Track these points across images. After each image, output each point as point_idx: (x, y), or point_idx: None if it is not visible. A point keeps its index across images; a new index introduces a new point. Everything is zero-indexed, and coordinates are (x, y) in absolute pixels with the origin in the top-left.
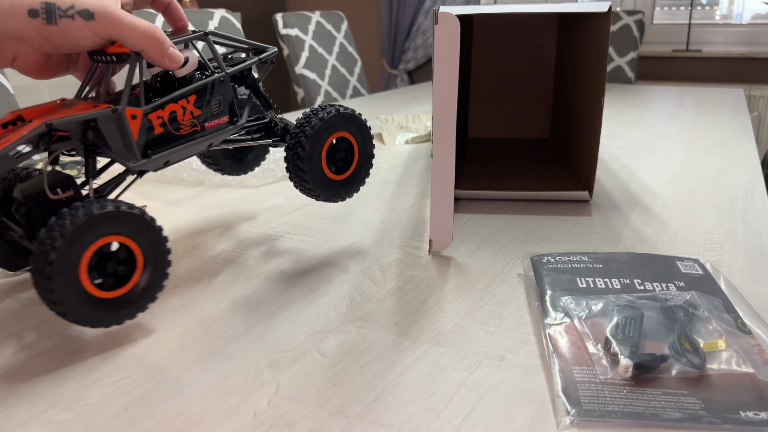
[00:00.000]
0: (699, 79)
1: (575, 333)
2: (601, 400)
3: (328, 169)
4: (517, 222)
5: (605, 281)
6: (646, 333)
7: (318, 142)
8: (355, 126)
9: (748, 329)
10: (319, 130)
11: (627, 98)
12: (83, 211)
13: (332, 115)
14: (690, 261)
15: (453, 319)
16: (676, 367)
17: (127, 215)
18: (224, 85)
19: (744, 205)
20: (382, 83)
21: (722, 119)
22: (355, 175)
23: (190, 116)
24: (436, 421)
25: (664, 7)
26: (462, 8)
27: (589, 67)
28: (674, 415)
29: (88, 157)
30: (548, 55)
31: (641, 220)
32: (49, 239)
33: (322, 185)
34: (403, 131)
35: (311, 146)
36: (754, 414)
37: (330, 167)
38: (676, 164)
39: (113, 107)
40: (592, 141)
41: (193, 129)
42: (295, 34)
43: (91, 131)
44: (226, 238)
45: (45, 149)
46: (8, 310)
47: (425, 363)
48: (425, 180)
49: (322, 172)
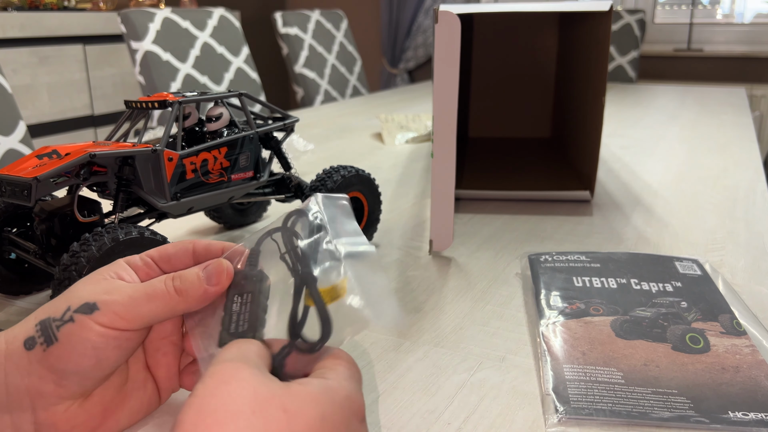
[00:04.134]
0: (700, 79)
1: (567, 332)
2: (590, 398)
3: None
4: (517, 222)
5: (602, 280)
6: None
7: None
8: (368, 188)
9: (743, 329)
10: (339, 187)
11: (628, 98)
12: (109, 237)
13: (352, 174)
14: (689, 261)
15: (453, 319)
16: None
17: (150, 242)
18: (253, 142)
19: (746, 205)
20: (382, 82)
21: (724, 119)
22: None
23: (220, 166)
24: (437, 423)
25: (666, 6)
26: (462, 7)
27: (590, 67)
28: (663, 414)
29: (118, 192)
30: (549, 54)
31: (642, 220)
32: (74, 264)
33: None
34: (403, 131)
35: None
36: (743, 414)
37: None
38: (677, 164)
39: (153, 147)
40: (593, 140)
41: (220, 179)
42: (295, 33)
43: (127, 168)
44: (227, 239)
45: (84, 179)
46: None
47: (426, 364)
48: (425, 180)
49: None
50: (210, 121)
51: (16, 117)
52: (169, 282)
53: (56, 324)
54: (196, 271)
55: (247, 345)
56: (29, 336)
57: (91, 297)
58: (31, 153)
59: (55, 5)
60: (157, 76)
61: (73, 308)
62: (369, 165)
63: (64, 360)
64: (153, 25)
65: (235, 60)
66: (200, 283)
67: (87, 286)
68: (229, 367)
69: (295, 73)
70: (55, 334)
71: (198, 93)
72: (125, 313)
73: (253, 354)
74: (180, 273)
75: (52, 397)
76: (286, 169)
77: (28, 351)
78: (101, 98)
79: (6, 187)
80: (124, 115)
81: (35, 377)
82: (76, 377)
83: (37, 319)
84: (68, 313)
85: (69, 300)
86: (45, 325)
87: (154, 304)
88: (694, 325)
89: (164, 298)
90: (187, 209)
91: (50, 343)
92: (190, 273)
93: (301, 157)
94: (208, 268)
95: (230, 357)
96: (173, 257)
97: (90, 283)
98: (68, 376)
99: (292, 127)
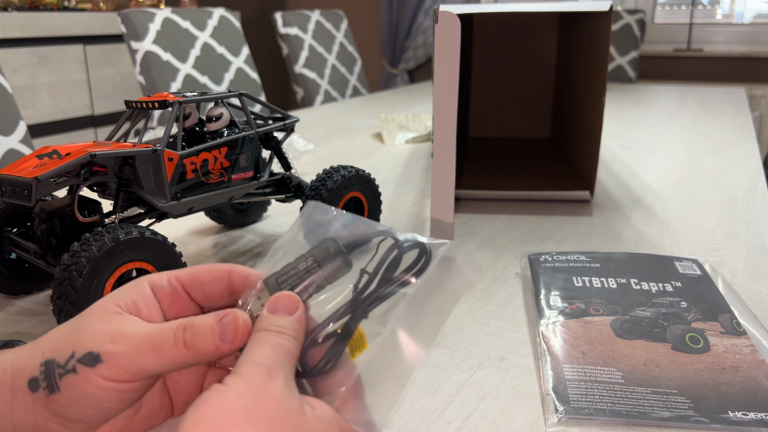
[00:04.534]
0: (700, 79)
1: (567, 332)
2: (590, 398)
3: None
4: (517, 222)
5: (601, 280)
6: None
7: (336, 197)
8: (368, 188)
9: (743, 329)
10: (340, 186)
11: (628, 98)
12: (109, 237)
13: (352, 174)
14: (688, 261)
15: (453, 319)
16: None
17: (151, 241)
18: (253, 142)
19: (745, 205)
20: (382, 82)
21: (724, 119)
22: None
23: (220, 166)
24: (437, 423)
25: (666, 6)
26: (462, 7)
27: (590, 67)
28: (662, 414)
29: (119, 192)
30: (549, 55)
31: (642, 220)
32: (74, 264)
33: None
34: (403, 131)
35: (330, 200)
36: (743, 414)
37: None
38: (677, 164)
39: (153, 147)
40: (593, 141)
41: (221, 179)
42: (295, 33)
43: (128, 168)
44: (228, 239)
45: (84, 179)
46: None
47: (426, 364)
48: (425, 180)
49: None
50: (210, 121)
51: (17, 117)
52: (180, 333)
53: (59, 372)
54: (210, 322)
55: (278, 341)
56: (33, 377)
57: (96, 345)
58: (32, 153)
59: (55, 5)
60: (157, 76)
61: (77, 356)
62: (369, 165)
63: (66, 409)
64: (153, 26)
65: (235, 60)
66: (213, 338)
67: (96, 323)
68: (259, 375)
69: (295, 73)
70: (58, 384)
71: (198, 93)
72: (130, 367)
73: (284, 356)
74: (192, 323)
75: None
76: (286, 169)
77: (32, 393)
78: (101, 98)
79: (6, 187)
80: (125, 115)
81: (40, 417)
82: (80, 423)
83: (44, 356)
84: (71, 362)
85: (75, 342)
86: (49, 370)
87: (160, 359)
88: (693, 325)
89: (172, 352)
90: (188, 209)
91: (52, 390)
92: (202, 325)
93: (301, 157)
94: (223, 321)
95: (262, 360)
96: (206, 285)
97: (100, 317)
98: (72, 421)
99: (292, 127)
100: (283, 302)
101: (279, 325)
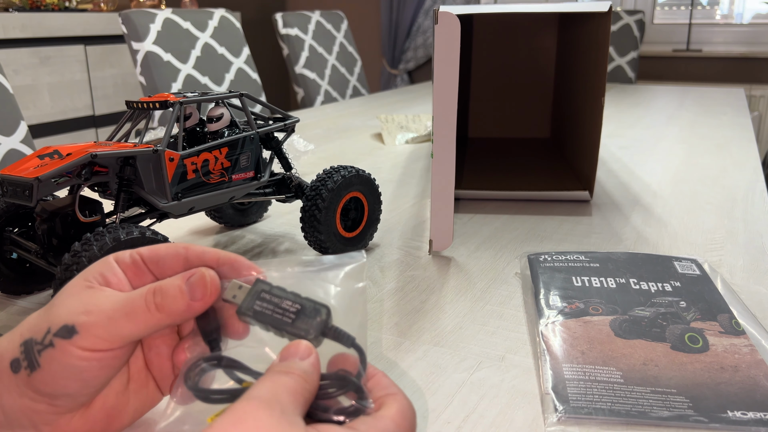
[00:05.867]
0: (699, 79)
1: (566, 331)
2: (589, 397)
3: (340, 224)
4: (517, 222)
5: (601, 280)
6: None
7: (336, 197)
8: (368, 188)
9: (741, 329)
10: (339, 186)
11: (627, 98)
12: (110, 237)
13: (352, 174)
14: (688, 261)
15: (453, 319)
16: None
17: (151, 242)
18: (253, 142)
19: (745, 205)
20: (382, 83)
21: (723, 119)
22: (361, 235)
23: (221, 167)
24: (437, 422)
25: (665, 6)
26: (462, 8)
27: (589, 67)
28: (662, 413)
29: (120, 192)
30: (548, 55)
31: (642, 220)
32: (75, 264)
33: (332, 239)
34: (403, 131)
35: (330, 200)
36: (742, 413)
37: (341, 224)
38: (676, 164)
39: (154, 147)
40: (593, 141)
41: (221, 179)
42: (295, 34)
43: (128, 168)
44: (228, 239)
45: (85, 179)
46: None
47: (425, 363)
48: (425, 180)
49: (335, 227)
50: (211, 121)
51: (18, 117)
52: (150, 297)
53: (37, 348)
54: (178, 283)
55: (282, 380)
56: (15, 358)
57: (70, 318)
58: (33, 153)
59: (56, 6)
60: (158, 76)
61: (53, 331)
62: (369, 165)
63: (50, 384)
64: (154, 26)
65: (235, 60)
66: (183, 297)
67: (68, 299)
68: (251, 406)
69: (296, 74)
70: (38, 360)
71: (199, 93)
72: (106, 334)
73: (285, 392)
74: (161, 286)
75: (48, 415)
76: (286, 170)
77: (15, 374)
78: (102, 99)
79: (8, 187)
80: (126, 115)
81: (27, 398)
82: (66, 398)
83: (23, 337)
84: (48, 337)
85: (50, 319)
86: (28, 348)
87: (134, 323)
88: (693, 324)
89: (144, 316)
90: (188, 209)
91: (33, 368)
92: (171, 286)
93: (301, 157)
94: (191, 280)
95: (259, 394)
96: (163, 260)
97: (72, 294)
98: (58, 397)
99: (292, 127)
100: (295, 349)
101: (286, 366)
